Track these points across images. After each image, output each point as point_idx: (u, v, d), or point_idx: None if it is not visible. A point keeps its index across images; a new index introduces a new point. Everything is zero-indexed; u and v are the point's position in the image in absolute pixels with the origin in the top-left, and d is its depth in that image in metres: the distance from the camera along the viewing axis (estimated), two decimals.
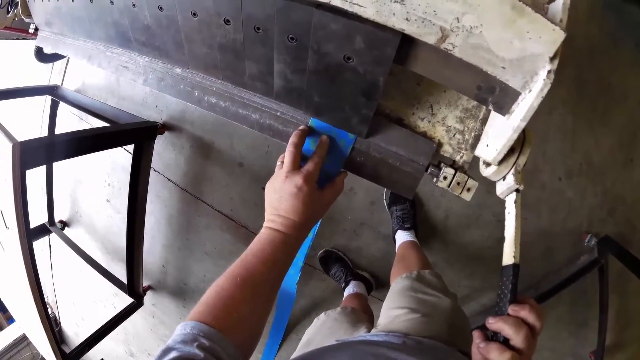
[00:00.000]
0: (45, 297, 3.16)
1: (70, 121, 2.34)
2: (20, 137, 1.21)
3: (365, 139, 0.67)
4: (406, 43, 0.51)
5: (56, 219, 2.62)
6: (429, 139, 0.67)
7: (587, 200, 1.70)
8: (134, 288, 2.12)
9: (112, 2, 0.83)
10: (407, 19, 0.48)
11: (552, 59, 0.46)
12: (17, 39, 2.06)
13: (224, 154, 1.91)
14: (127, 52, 1.00)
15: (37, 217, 2.54)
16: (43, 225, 2.54)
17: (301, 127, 0.69)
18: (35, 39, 1.37)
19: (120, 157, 2.20)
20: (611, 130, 1.67)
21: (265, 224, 0.65)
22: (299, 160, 0.64)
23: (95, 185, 2.43)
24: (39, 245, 2.94)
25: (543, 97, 0.48)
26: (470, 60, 0.49)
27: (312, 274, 1.97)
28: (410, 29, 0.49)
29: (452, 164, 0.66)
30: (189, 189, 2.07)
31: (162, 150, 2.04)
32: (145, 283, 2.44)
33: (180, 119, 1.95)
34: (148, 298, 2.46)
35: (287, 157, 0.64)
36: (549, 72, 0.46)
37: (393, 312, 0.93)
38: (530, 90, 0.48)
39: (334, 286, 1.95)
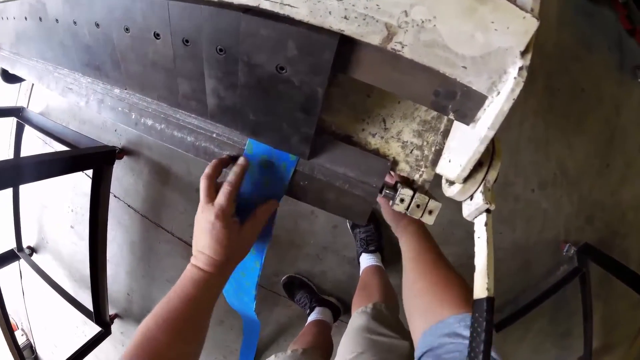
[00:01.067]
0: (20, 324, 3.10)
1: (35, 144, 2.26)
2: None
3: (309, 160, 0.60)
4: (346, 46, 0.44)
5: (24, 245, 2.52)
6: (382, 156, 0.60)
7: (563, 209, 1.67)
8: (100, 316, 2.04)
9: (57, 20, 0.78)
10: (345, 17, 0.41)
11: (523, 54, 0.39)
12: None
13: (181, 179, 1.85)
14: (71, 73, 0.95)
15: (6, 242, 2.47)
16: (12, 250, 2.44)
17: (219, 157, 0.64)
18: None
19: (82, 183, 2.11)
20: (586, 136, 1.66)
21: (190, 260, 0.60)
22: (213, 192, 0.59)
23: (59, 211, 2.33)
24: (10, 271, 2.85)
25: (514, 100, 0.40)
26: (424, 62, 0.42)
27: (277, 301, 1.89)
28: (349, 29, 0.42)
29: (411, 184, 0.60)
30: (149, 216, 1.99)
31: (122, 175, 1.97)
32: (112, 311, 2.33)
33: (138, 143, 1.89)
34: (116, 326, 2.35)
35: (200, 189, 0.59)
36: (520, 68, 0.39)
37: (347, 357, 0.90)
38: (498, 93, 0.41)
39: (300, 312, 1.88)
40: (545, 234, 1.67)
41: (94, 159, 1.69)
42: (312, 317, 1.64)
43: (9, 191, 2.27)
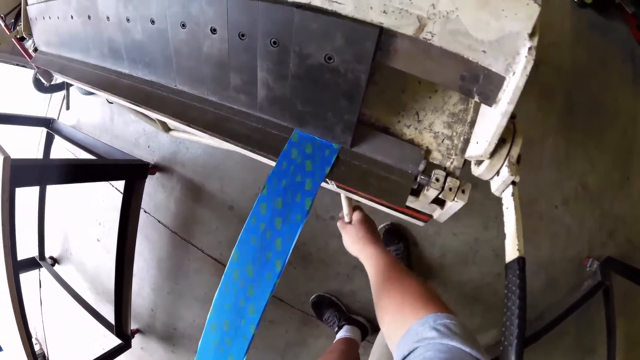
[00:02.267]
0: (34, 333, 3.06)
1: (65, 156, 2.35)
2: None
3: (351, 148, 0.65)
4: (385, 37, 0.50)
5: (47, 255, 2.57)
6: (416, 146, 0.65)
7: (586, 225, 1.67)
8: (121, 329, 2.03)
9: (108, 18, 0.85)
10: (384, 12, 0.48)
11: (531, 36, 0.45)
12: (17, 65, 2.09)
13: (214, 197, 1.90)
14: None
15: (28, 250, 2.49)
16: (33, 258, 2.48)
17: None
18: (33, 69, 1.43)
19: (112, 197, 2.18)
20: (605, 150, 1.67)
21: None
22: None
23: (86, 224, 2.39)
24: (29, 279, 2.89)
25: (527, 76, 0.46)
26: (450, 48, 0.48)
27: (306, 321, 1.88)
28: (388, 22, 0.49)
29: (445, 170, 0.63)
30: (179, 232, 2.03)
31: (153, 191, 2.02)
32: (134, 326, 2.33)
33: (171, 160, 1.96)
34: (137, 341, 2.34)
35: None
36: (529, 49, 0.45)
37: None
38: (514, 73, 0.47)
39: (328, 332, 1.86)
40: (569, 251, 1.66)
41: (127, 171, 1.75)
42: (340, 335, 1.62)
43: (34, 200, 2.33)
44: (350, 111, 0.59)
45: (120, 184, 1.91)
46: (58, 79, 1.44)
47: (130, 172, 1.76)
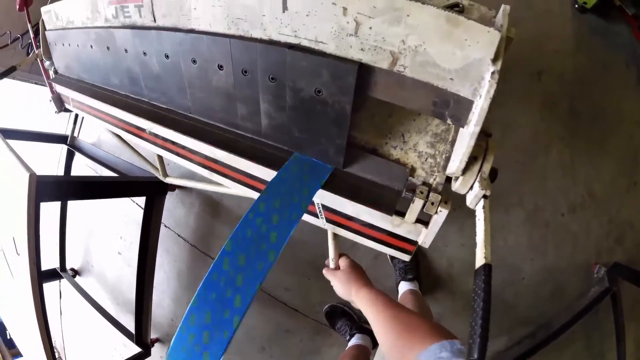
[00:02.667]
0: (53, 341, 3.15)
1: (85, 172, 2.45)
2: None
3: (343, 169, 0.72)
4: (365, 72, 0.58)
5: (67, 267, 2.67)
6: (402, 165, 0.71)
7: (593, 232, 1.67)
8: (141, 338, 2.10)
9: (126, 51, 0.95)
10: (362, 49, 0.55)
11: (494, 61, 0.49)
12: (36, 83, 2.18)
13: (231, 212, 1.98)
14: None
15: (49, 262, 2.59)
16: (54, 270, 2.58)
17: None
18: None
19: (134, 212, 2.28)
20: (611, 156, 1.67)
21: None
22: None
23: (108, 237, 2.50)
24: (49, 289, 2.98)
25: (491, 99, 0.51)
26: (421, 78, 0.55)
27: (319, 330, 1.94)
28: (366, 58, 0.56)
29: (428, 186, 0.70)
30: (198, 245, 2.12)
31: (173, 207, 2.11)
32: (153, 335, 2.41)
33: (191, 178, 2.06)
34: (156, 350, 2.41)
35: None
36: (492, 73, 0.49)
37: None
38: (480, 96, 0.52)
39: (341, 341, 1.91)
40: (576, 258, 1.67)
41: (147, 187, 1.83)
42: (352, 342, 1.67)
43: (56, 213, 2.41)
44: (339, 136, 0.66)
45: (141, 200, 2.00)
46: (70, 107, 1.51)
47: (151, 189, 1.84)
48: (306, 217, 0.81)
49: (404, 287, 1.64)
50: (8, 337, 2.65)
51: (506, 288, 1.67)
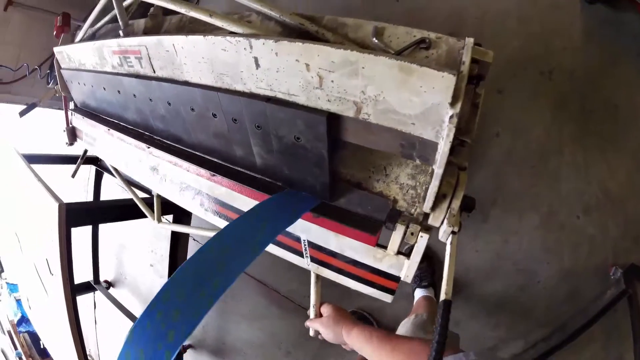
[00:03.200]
0: (88, 350, 3.36)
1: (115, 191, 2.55)
2: (69, 199, 1.38)
3: (330, 202, 0.77)
4: (335, 120, 0.63)
5: (101, 279, 2.79)
6: (384, 197, 0.75)
7: (609, 232, 1.62)
8: None
9: (134, 95, 1.04)
10: (328, 100, 0.60)
11: (452, 104, 0.51)
12: (60, 109, 2.32)
13: None
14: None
15: (83, 275, 2.70)
16: (88, 282, 2.71)
17: None
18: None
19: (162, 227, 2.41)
20: (625, 154, 1.60)
21: None
22: None
23: (139, 251, 2.65)
24: (84, 301, 3.14)
25: (450, 142, 0.52)
26: (385, 124, 0.58)
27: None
28: (333, 108, 0.61)
29: (409, 217, 0.73)
30: None
31: (199, 223, 2.21)
32: (186, 342, 2.54)
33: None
34: (188, 356, 2.56)
35: None
36: (451, 117, 0.51)
37: None
38: (443, 138, 0.54)
39: None
40: (593, 260, 1.63)
41: (174, 205, 1.92)
42: None
43: (89, 230, 2.52)
44: (322, 175, 0.72)
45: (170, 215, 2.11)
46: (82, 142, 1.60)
47: (177, 207, 1.94)
48: (291, 257, 0.86)
49: (419, 293, 1.68)
50: (42, 347, 2.85)
51: (522, 292, 1.67)
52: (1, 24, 1.84)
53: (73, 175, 1.88)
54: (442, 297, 0.58)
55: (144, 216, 2.00)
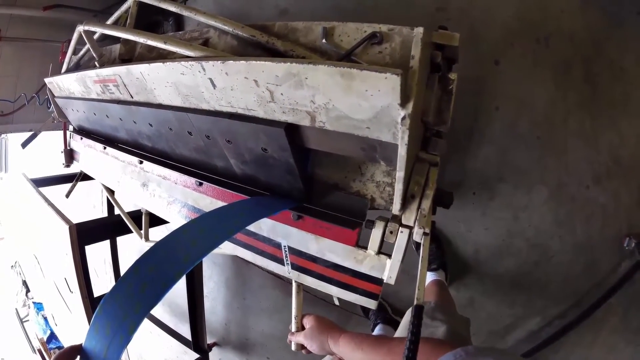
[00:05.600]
0: None
1: (127, 205, 2.71)
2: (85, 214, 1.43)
3: (309, 205, 0.78)
4: (295, 130, 0.63)
5: None
6: (361, 196, 0.75)
7: (622, 201, 1.56)
8: (198, 344, 2.32)
9: (121, 119, 1.08)
10: (283, 112, 0.60)
11: (402, 104, 0.48)
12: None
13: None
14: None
15: (105, 285, 2.81)
16: None
17: None
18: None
19: None
20: (634, 116, 1.51)
21: None
22: None
23: None
24: None
25: (407, 144, 0.50)
26: (341, 130, 0.57)
27: (359, 322, 2.01)
28: (289, 118, 0.61)
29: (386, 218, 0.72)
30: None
31: None
32: (210, 340, 2.63)
33: None
34: (215, 354, 2.64)
35: None
36: (403, 118, 0.49)
37: None
38: (399, 139, 0.52)
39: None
40: (607, 230, 1.57)
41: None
42: (374, 332, 1.74)
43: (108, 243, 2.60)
44: (295, 181, 0.72)
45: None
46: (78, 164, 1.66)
47: None
48: (272, 266, 0.87)
49: (428, 277, 1.65)
50: None
51: (536, 268, 1.63)
52: None
53: (67, 195, 1.94)
54: (415, 302, 0.57)
55: (158, 224, 2.06)
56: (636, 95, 1.54)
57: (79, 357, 0.60)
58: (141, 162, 1.13)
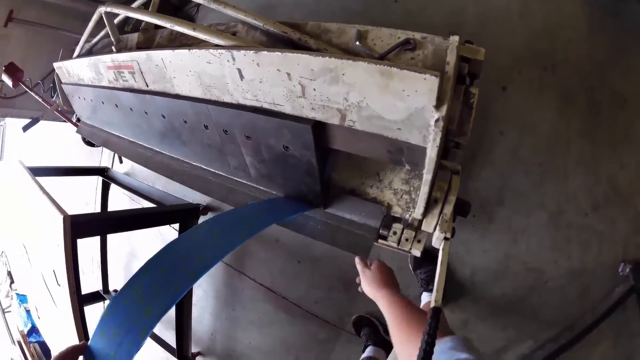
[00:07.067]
0: None
1: (122, 201, 2.63)
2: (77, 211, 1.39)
3: (325, 209, 0.76)
4: (322, 128, 0.62)
5: (111, 289, 2.80)
6: (378, 203, 0.74)
7: (619, 228, 1.57)
8: (182, 352, 2.24)
9: (131, 109, 1.05)
10: (312, 109, 0.59)
11: (437, 107, 0.49)
12: (63, 121, 2.32)
13: (262, 232, 2.05)
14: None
15: (92, 284, 2.71)
16: (97, 292, 2.70)
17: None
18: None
19: (170, 235, 2.41)
20: (635, 145, 1.54)
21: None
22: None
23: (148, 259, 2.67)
24: (93, 310, 3.18)
25: (438, 147, 0.51)
26: (371, 130, 0.57)
27: (350, 339, 1.98)
28: (318, 116, 0.60)
29: (404, 222, 0.72)
30: (233, 264, 2.24)
31: None
32: (195, 349, 2.55)
33: (221, 202, 2.17)
34: None
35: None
36: (437, 120, 0.49)
37: None
38: (430, 142, 0.53)
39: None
40: (603, 257, 1.58)
41: (180, 215, 1.94)
42: (364, 354, 1.71)
43: (97, 240, 2.54)
44: (314, 183, 0.71)
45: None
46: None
47: (184, 216, 1.95)
48: None
49: (425, 297, 1.65)
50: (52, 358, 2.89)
51: (531, 292, 1.63)
52: (2, 39, 1.86)
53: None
54: (432, 304, 0.57)
55: (151, 225, 2.02)
56: (638, 124, 1.58)
57: (81, 357, 0.59)
58: None
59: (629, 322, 1.52)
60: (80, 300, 1.39)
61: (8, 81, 1.70)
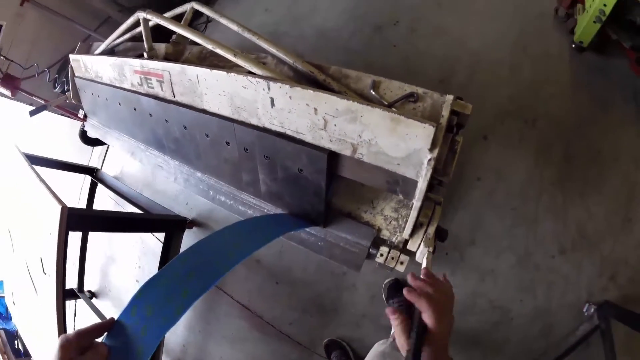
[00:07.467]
0: None
1: (107, 203, 2.64)
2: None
3: (324, 228, 0.87)
4: (335, 157, 0.74)
5: (85, 289, 2.77)
6: (370, 226, 0.86)
7: (584, 272, 1.65)
8: None
9: (150, 115, 1.12)
10: (330, 140, 0.71)
11: (431, 150, 0.62)
12: (62, 115, 2.16)
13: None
14: (161, 154, 1.29)
15: (67, 281, 2.69)
16: (72, 290, 2.66)
17: None
18: (79, 121, 1.60)
19: (152, 244, 2.45)
20: (604, 196, 1.67)
21: None
22: None
23: (127, 266, 2.64)
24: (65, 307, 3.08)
25: (427, 181, 0.63)
26: (375, 163, 0.69)
27: (310, 357, 2.02)
28: (333, 147, 0.72)
29: (391, 244, 0.83)
30: None
31: (190, 243, 2.25)
32: (165, 359, 2.53)
33: (207, 217, 2.21)
34: None
35: None
36: (429, 160, 0.63)
37: None
38: (422, 177, 0.65)
39: None
40: (567, 298, 1.66)
41: (167, 224, 2.01)
42: None
43: (77, 237, 2.52)
44: (319, 204, 0.82)
45: (161, 234, 2.16)
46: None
47: (171, 226, 2.02)
48: None
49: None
50: (16, 347, 2.80)
51: (496, 328, 1.73)
52: (16, 19, 1.82)
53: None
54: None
55: (139, 230, 2.05)
56: (608, 176, 1.68)
57: (105, 334, 0.60)
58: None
59: (591, 358, 1.61)
60: (64, 291, 1.40)
61: (6, 92, 1.69)
